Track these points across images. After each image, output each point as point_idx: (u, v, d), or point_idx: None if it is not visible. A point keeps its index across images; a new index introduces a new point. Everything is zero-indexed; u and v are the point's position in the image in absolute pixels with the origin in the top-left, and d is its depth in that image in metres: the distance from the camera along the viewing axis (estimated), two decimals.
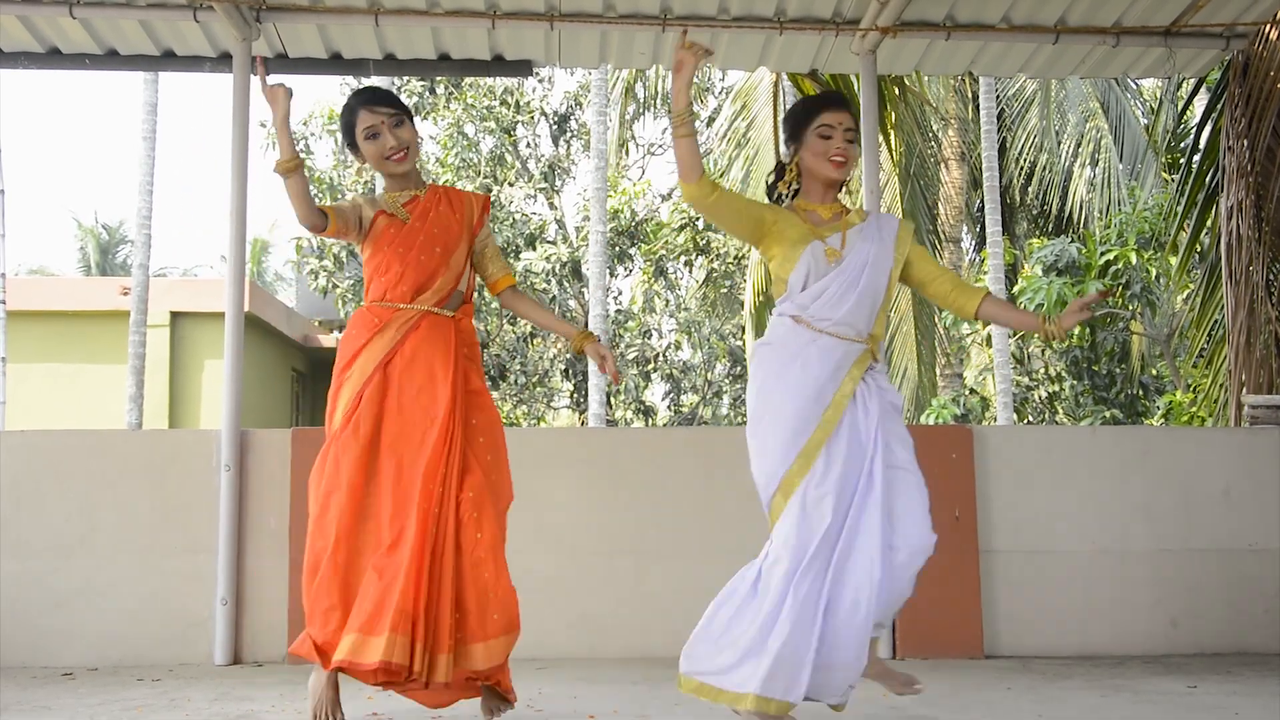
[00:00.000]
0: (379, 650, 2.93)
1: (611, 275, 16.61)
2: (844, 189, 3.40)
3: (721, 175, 16.69)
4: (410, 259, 3.27)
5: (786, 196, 3.37)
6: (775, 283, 3.34)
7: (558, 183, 17.68)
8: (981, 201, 14.20)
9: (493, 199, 16.05)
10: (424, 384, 3.19)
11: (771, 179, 3.43)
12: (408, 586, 2.99)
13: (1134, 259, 12.68)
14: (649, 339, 17.58)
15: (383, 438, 3.17)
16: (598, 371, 11.69)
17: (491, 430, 3.32)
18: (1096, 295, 3.20)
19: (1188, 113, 13.97)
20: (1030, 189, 16.31)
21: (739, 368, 17.70)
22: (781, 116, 11.45)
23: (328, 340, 18.07)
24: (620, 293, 18.16)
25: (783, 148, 3.45)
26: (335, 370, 3.28)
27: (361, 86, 3.55)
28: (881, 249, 3.27)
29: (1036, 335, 13.93)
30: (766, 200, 3.41)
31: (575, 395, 17.35)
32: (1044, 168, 15.84)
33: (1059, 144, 15.63)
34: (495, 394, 16.44)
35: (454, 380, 3.20)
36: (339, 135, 16.78)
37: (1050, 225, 16.32)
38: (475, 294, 3.55)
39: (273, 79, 3.24)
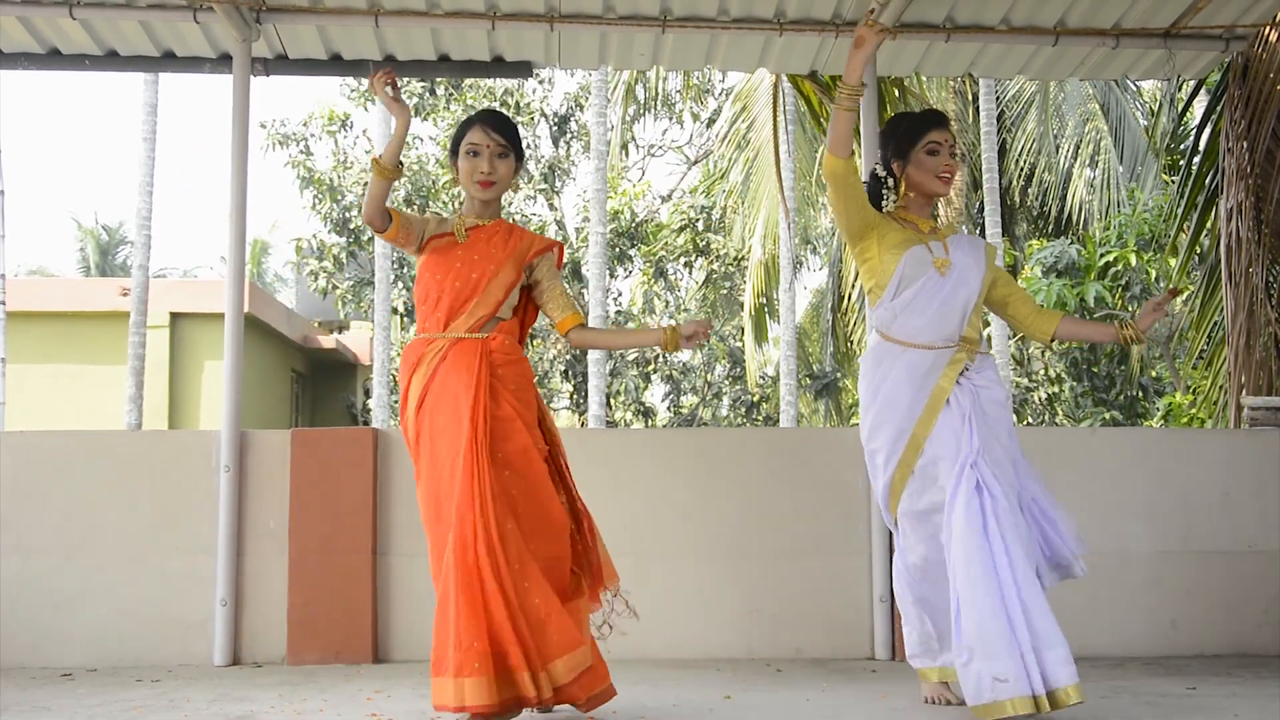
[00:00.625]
0: (451, 694, 2.95)
1: (611, 276, 16.63)
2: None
3: (722, 176, 16.72)
4: (446, 284, 3.32)
5: (887, 203, 3.52)
6: (871, 290, 3.49)
7: (558, 184, 17.69)
8: (981, 203, 14.20)
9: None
10: (448, 420, 3.20)
11: (870, 187, 3.56)
12: (460, 625, 2.97)
13: (1133, 260, 12.68)
14: None
15: (424, 475, 3.24)
16: (594, 368, 11.68)
17: (523, 459, 3.25)
18: (1168, 295, 3.31)
19: (1187, 115, 13.98)
20: (1030, 190, 16.32)
21: (738, 369, 17.72)
22: (782, 117, 11.47)
23: (327, 341, 18.09)
24: (620, 294, 18.18)
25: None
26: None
27: (489, 108, 3.63)
28: (975, 260, 3.44)
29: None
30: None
31: (575, 396, 17.35)
32: (1044, 169, 15.84)
33: (1058, 146, 15.64)
34: None
35: (474, 410, 3.18)
36: (338, 136, 16.83)
37: (1050, 227, 16.33)
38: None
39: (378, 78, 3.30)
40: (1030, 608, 3.16)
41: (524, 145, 4.27)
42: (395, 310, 16.15)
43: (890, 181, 3.50)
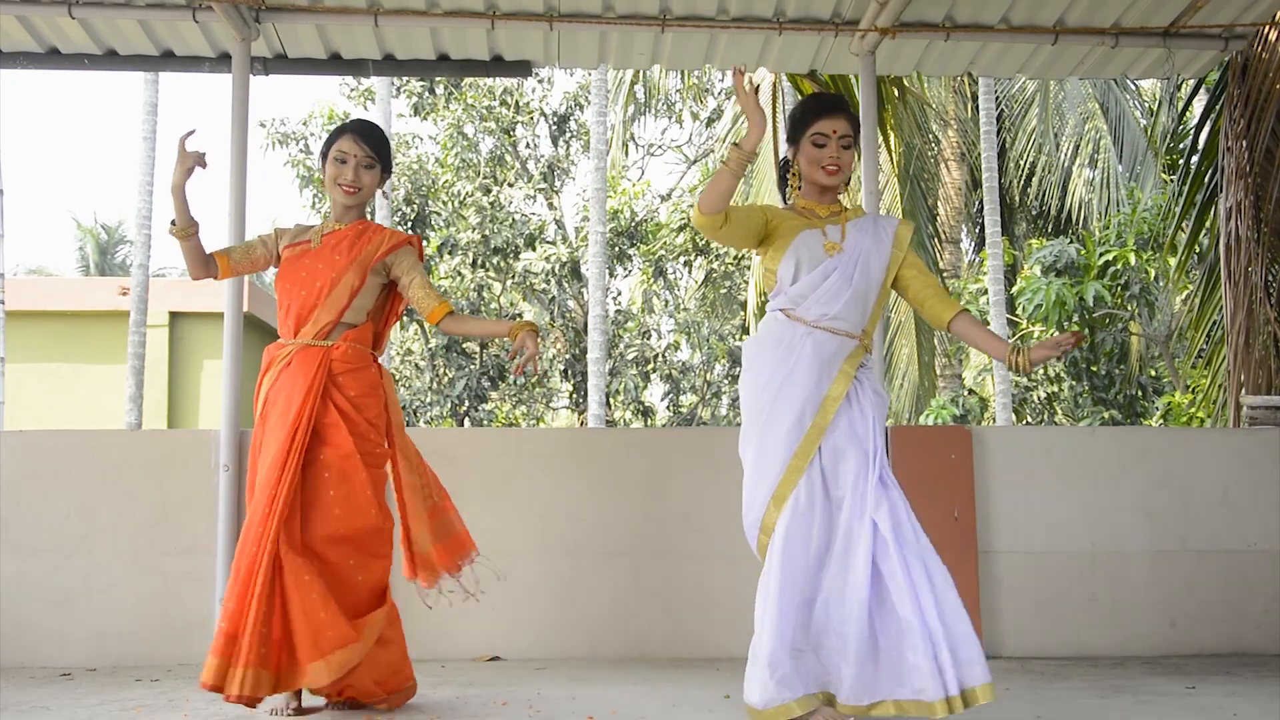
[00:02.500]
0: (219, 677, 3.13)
1: (611, 276, 16.61)
2: (843, 190, 3.40)
3: None
4: (293, 293, 3.47)
5: (792, 192, 3.39)
6: (765, 276, 3.34)
7: (557, 183, 17.67)
8: (981, 202, 14.21)
9: (492, 199, 16.06)
10: (276, 423, 3.33)
11: (780, 172, 3.48)
12: (225, 611, 3.18)
13: (1133, 259, 12.68)
14: (648, 339, 17.58)
15: (257, 474, 3.36)
16: (593, 367, 11.69)
17: (345, 463, 3.34)
18: (1071, 338, 3.10)
19: (1187, 114, 13.98)
20: (1030, 190, 16.32)
21: (738, 368, 17.63)
22: (781, 116, 11.47)
23: None
24: (619, 293, 18.17)
25: (783, 146, 3.48)
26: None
27: (361, 119, 3.73)
28: (879, 245, 3.29)
29: (1036, 337, 13.91)
30: (780, 194, 3.44)
31: (574, 395, 17.34)
32: (1044, 168, 15.84)
33: (1058, 145, 15.63)
34: (495, 394, 16.44)
35: (298, 415, 3.30)
36: (354, 119, 16.83)
37: (1050, 226, 16.33)
38: (396, 319, 3.66)
39: (192, 143, 3.42)
40: (946, 608, 3.00)
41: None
42: None
43: (790, 168, 3.38)
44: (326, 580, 3.25)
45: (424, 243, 16.84)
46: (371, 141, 3.53)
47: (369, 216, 3.69)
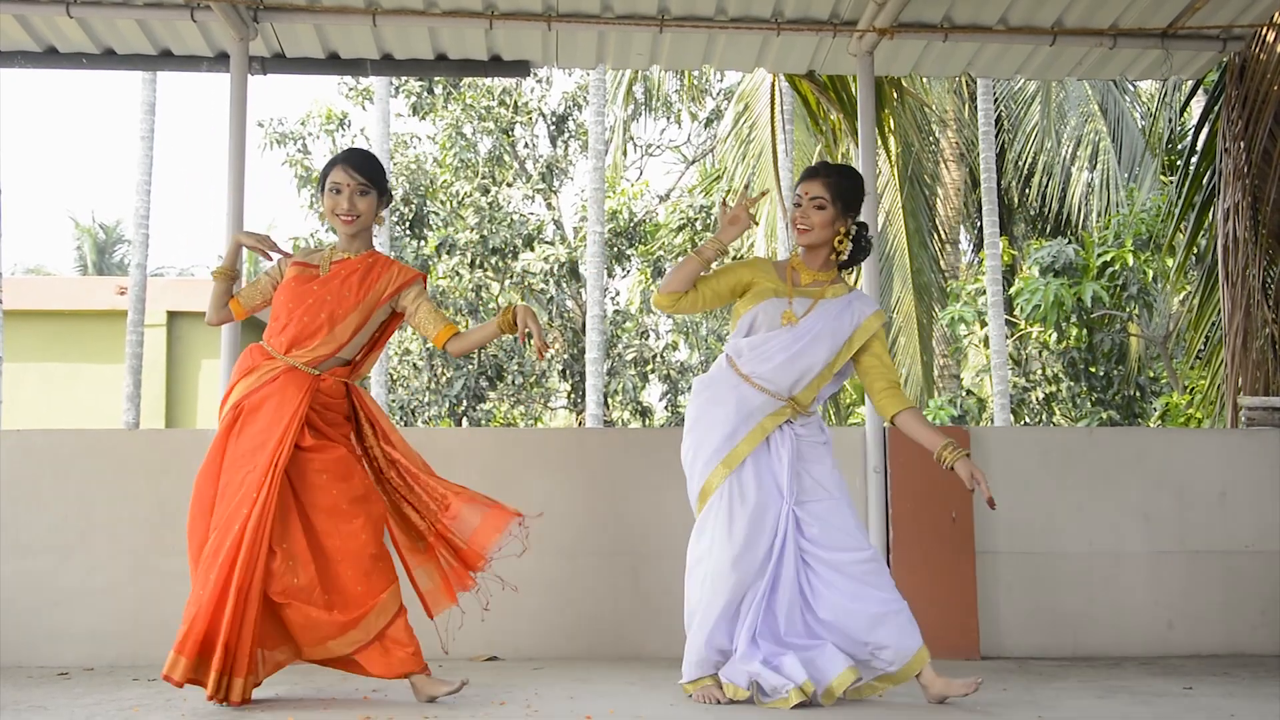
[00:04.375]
0: (167, 664, 3.22)
1: (609, 276, 16.61)
2: (850, 264, 3.69)
3: (718, 178, 16.71)
4: (295, 315, 3.48)
5: (797, 247, 3.70)
6: (731, 318, 3.68)
7: (555, 183, 17.67)
8: (980, 202, 14.21)
9: (491, 199, 16.06)
10: (258, 436, 3.36)
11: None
12: (200, 615, 3.21)
13: (1131, 260, 12.68)
14: (646, 340, 17.57)
15: (222, 475, 3.38)
16: (591, 368, 11.70)
17: (341, 465, 3.44)
18: (988, 500, 3.41)
19: (1185, 115, 13.99)
20: (1029, 190, 16.32)
21: None
22: (781, 117, 11.47)
23: None
24: (618, 293, 18.17)
25: (782, 161, 3.76)
26: (220, 392, 3.60)
27: (352, 148, 3.85)
28: (838, 330, 3.56)
29: (1034, 337, 13.91)
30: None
31: (572, 396, 17.34)
32: (1043, 169, 15.85)
33: (1059, 145, 15.64)
34: (493, 394, 16.44)
35: (283, 437, 3.34)
36: (336, 135, 16.82)
37: (1048, 227, 16.33)
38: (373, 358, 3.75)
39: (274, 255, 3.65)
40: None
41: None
42: None
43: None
44: (325, 573, 3.33)
45: (422, 243, 16.78)
46: (363, 169, 3.56)
47: (374, 244, 3.73)
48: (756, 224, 4.92)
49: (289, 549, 3.32)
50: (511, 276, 16.13)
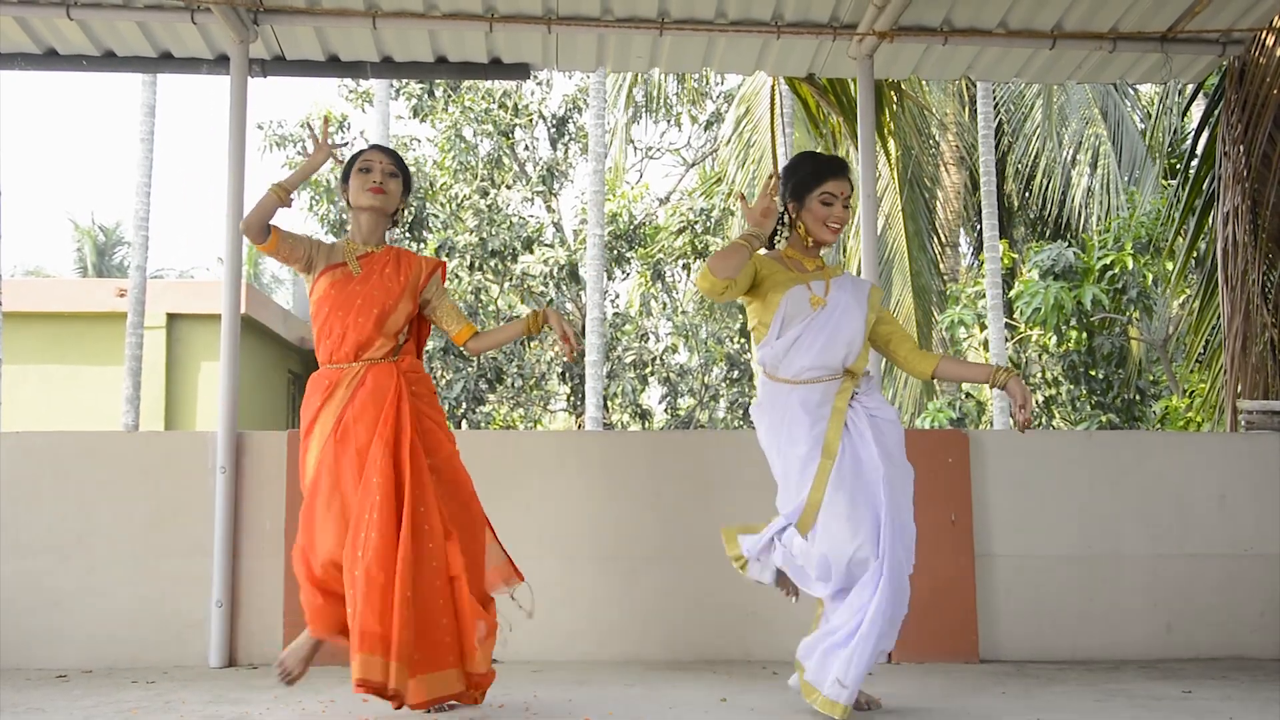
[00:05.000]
0: (360, 669, 3.17)
1: (609, 278, 16.60)
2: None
3: (718, 181, 16.72)
4: (350, 321, 3.48)
5: (780, 240, 3.66)
6: (757, 328, 3.61)
7: (555, 186, 17.67)
8: (979, 205, 14.21)
9: (490, 202, 16.06)
10: (377, 431, 3.36)
11: (777, 228, 3.68)
12: (368, 607, 3.19)
13: (1130, 264, 12.68)
14: (646, 342, 17.55)
15: (343, 486, 3.36)
16: (591, 370, 11.70)
17: (449, 464, 3.49)
18: (1025, 421, 3.42)
19: (1186, 119, 13.99)
20: (1029, 194, 16.32)
21: (736, 371, 17.69)
22: (780, 119, 11.47)
23: None
24: (618, 296, 18.15)
25: (782, 157, 3.66)
26: (301, 431, 3.51)
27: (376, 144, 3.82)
28: (857, 300, 3.56)
29: (1034, 341, 13.89)
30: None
31: (572, 398, 17.33)
32: (1044, 173, 15.85)
33: (1060, 148, 15.64)
34: (492, 397, 16.44)
35: (396, 422, 3.37)
36: (335, 138, 16.83)
37: (1048, 230, 16.33)
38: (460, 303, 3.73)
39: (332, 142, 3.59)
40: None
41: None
42: None
43: (785, 219, 3.64)
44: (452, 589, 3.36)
45: (421, 245, 16.79)
46: (393, 156, 3.63)
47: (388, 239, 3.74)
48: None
49: (436, 524, 3.34)
50: (511, 279, 16.12)
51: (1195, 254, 7.25)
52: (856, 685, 3.23)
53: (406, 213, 3.81)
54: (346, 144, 3.66)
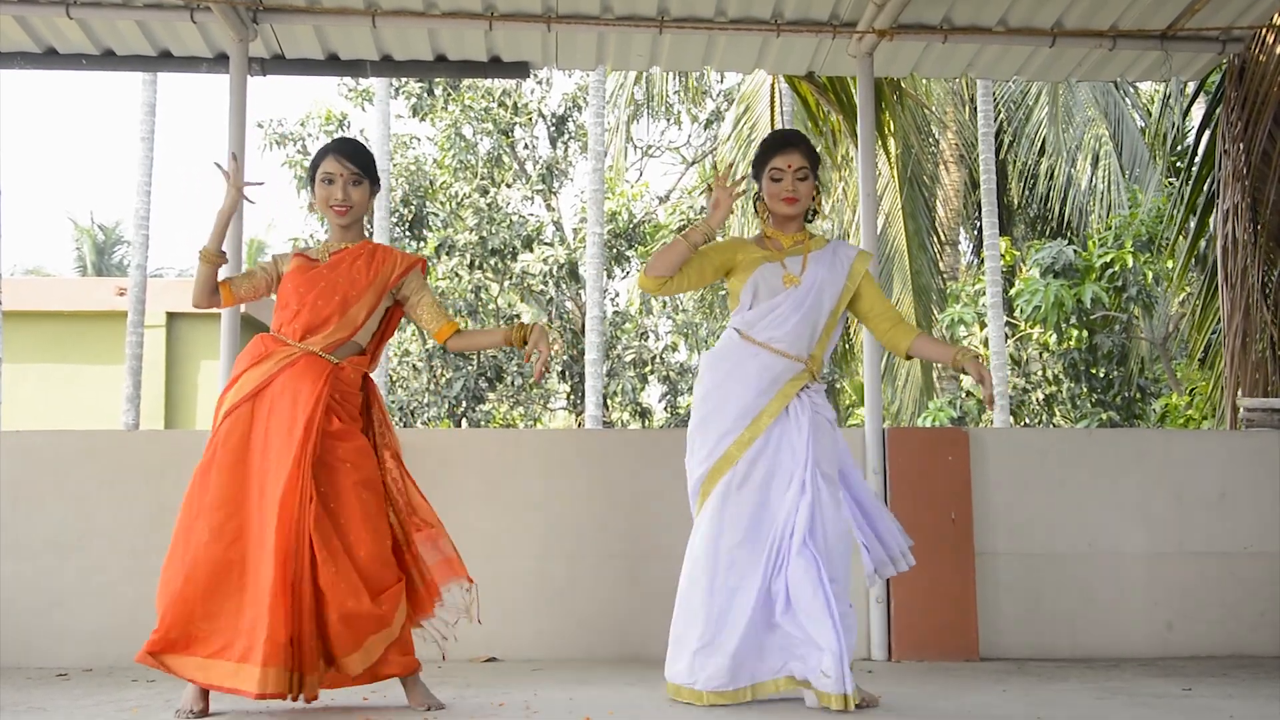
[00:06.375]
0: (254, 680, 3.10)
1: (609, 277, 16.61)
2: (814, 218, 3.72)
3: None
4: (307, 300, 3.44)
5: (761, 222, 3.71)
6: (730, 297, 3.70)
7: (555, 184, 17.67)
8: (979, 203, 14.20)
9: (490, 200, 16.05)
10: (282, 424, 3.30)
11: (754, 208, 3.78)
12: (274, 618, 3.12)
13: (1130, 261, 12.68)
14: (646, 341, 17.57)
15: (249, 465, 3.30)
16: (591, 369, 11.70)
17: (358, 455, 3.39)
18: (988, 398, 3.47)
19: (1188, 117, 13.98)
20: (1029, 192, 16.31)
21: None
22: (780, 120, 11.47)
23: None
24: (617, 294, 18.16)
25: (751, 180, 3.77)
26: (221, 389, 3.46)
27: (342, 136, 3.75)
28: (833, 275, 3.60)
29: (1034, 339, 13.88)
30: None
31: (572, 397, 17.34)
32: (1044, 171, 15.84)
33: (1060, 147, 15.63)
34: (492, 395, 16.44)
35: (309, 421, 3.28)
36: (335, 136, 16.83)
37: (1048, 228, 16.33)
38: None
39: (235, 169, 3.54)
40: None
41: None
42: None
43: (758, 201, 3.72)
44: (355, 564, 3.26)
45: (421, 244, 16.77)
46: (355, 158, 3.53)
47: (368, 234, 3.70)
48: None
49: (323, 539, 3.23)
50: (511, 278, 16.12)
51: (1196, 253, 7.25)
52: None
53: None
54: (261, 183, 3.60)
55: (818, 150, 4.92)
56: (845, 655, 3.27)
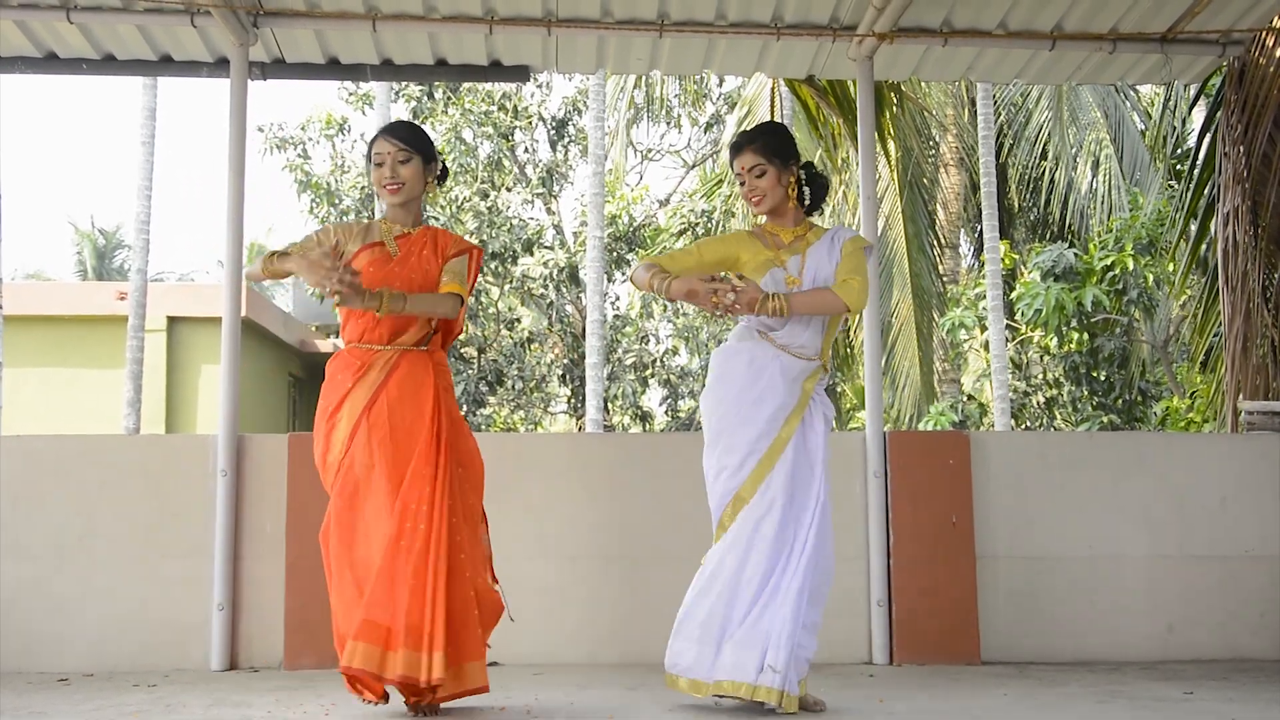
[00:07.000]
0: (398, 665, 3.15)
1: (609, 280, 16.60)
2: (815, 203, 3.70)
3: (719, 182, 16.72)
4: None
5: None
6: None
7: (555, 188, 17.67)
8: (979, 207, 14.21)
9: (490, 204, 16.06)
10: (413, 420, 3.35)
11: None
12: (414, 606, 3.17)
13: (1131, 265, 12.68)
14: (646, 345, 17.56)
15: (376, 476, 3.32)
16: (591, 373, 11.70)
17: (470, 457, 3.50)
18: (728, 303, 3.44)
19: (1190, 120, 13.99)
20: (1030, 195, 16.31)
21: None
22: (778, 121, 11.47)
23: (324, 345, 18.06)
24: (618, 298, 18.16)
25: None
26: (322, 412, 3.44)
27: (395, 120, 3.78)
28: (830, 265, 3.57)
29: (1035, 342, 13.85)
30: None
31: (572, 401, 17.34)
32: (1045, 174, 15.84)
33: (1062, 150, 15.63)
34: (493, 399, 16.44)
35: (435, 413, 3.36)
36: (336, 140, 16.84)
37: (1049, 232, 16.33)
38: (471, 300, 3.68)
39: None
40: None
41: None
42: None
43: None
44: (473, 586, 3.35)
45: None
46: (402, 135, 3.55)
47: (424, 218, 3.71)
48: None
49: (459, 524, 3.34)
50: (511, 281, 16.12)
51: (1197, 256, 7.25)
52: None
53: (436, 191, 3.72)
54: (356, 275, 3.58)
55: (818, 152, 4.91)
56: (794, 653, 3.34)
